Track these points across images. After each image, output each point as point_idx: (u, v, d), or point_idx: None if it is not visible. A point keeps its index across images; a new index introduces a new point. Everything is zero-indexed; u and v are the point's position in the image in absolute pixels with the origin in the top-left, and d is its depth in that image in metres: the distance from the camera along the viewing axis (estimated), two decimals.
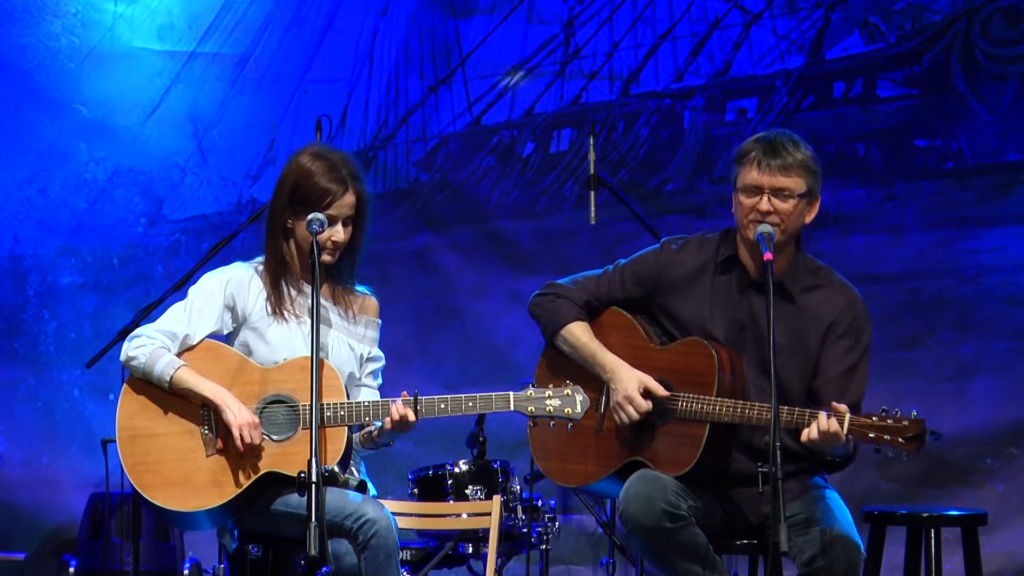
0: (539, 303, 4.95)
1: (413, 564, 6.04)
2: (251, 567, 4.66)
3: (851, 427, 4.48)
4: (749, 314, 4.76)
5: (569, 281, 4.95)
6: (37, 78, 8.46)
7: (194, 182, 8.49)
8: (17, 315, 8.48)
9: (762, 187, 4.64)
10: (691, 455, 4.66)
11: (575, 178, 8.12)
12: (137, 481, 4.60)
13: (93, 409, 8.25)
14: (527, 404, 4.56)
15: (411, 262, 8.27)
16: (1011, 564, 7.23)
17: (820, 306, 4.75)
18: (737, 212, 4.72)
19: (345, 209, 4.65)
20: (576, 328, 4.87)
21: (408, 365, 7.81)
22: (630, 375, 4.74)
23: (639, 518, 4.57)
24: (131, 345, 4.63)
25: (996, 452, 7.35)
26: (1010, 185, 7.43)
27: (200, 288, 4.73)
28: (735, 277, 4.79)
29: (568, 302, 4.89)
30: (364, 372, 4.82)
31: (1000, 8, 7.49)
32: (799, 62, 7.80)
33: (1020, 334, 7.35)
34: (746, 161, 4.68)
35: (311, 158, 4.68)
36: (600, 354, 4.82)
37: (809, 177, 4.67)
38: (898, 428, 4.45)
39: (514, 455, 6.41)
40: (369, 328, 4.84)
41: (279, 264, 4.71)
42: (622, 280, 4.89)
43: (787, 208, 4.65)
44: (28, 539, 8.17)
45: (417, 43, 8.42)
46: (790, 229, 4.69)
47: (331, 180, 4.64)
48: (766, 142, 4.68)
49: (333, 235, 4.64)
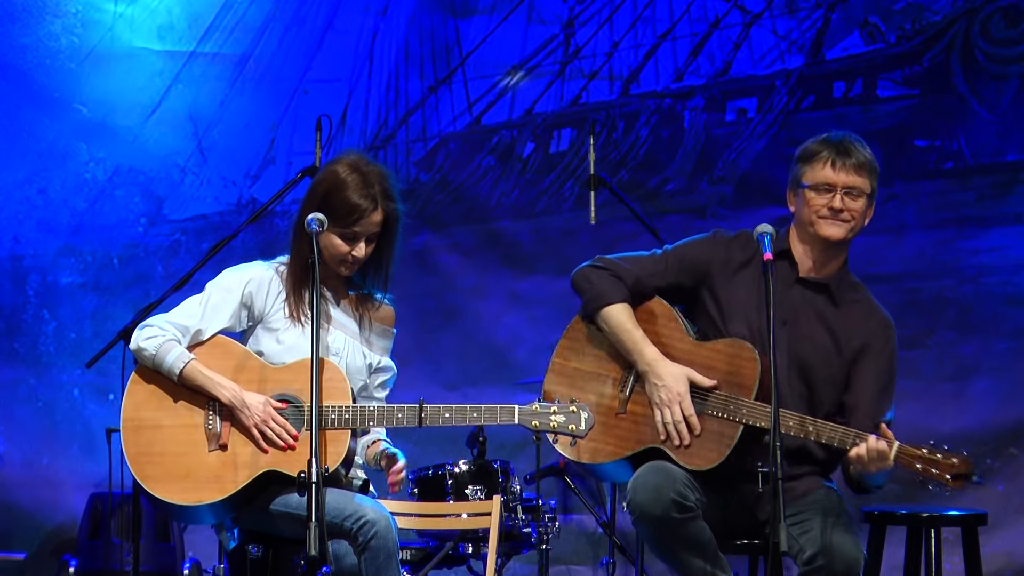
0: (588, 275, 4.88)
1: (413, 564, 6.04)
2: (251, 567, 4.66)
3: (899, 455, 4.50)
4: (791, 310, 4.78)
5: (622, 258, 4.89)
6: (37, 78, 8.46)
7: (194, 182, 8.49)
8: (17, 315, 8.48)
9: (836, 185, 4.71)
10: (720, 453, 4.65)
11: (575, 178, 8.12)
12: (139, 472, 4.59)
13: (93, 409, 8.25)
14: (532, 418, 4.54)
15: (411, 262, 8.26)
16: (1011, 564, 7.23)
17: (857, 322, 4.81)
18: (803, 210, 4.76)
19: (371, 227, 4.65)
20: (621, 311, 4.81)
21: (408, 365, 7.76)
22: (677, 372, 4.72)
23: (647, 507, 4.57)
24: (141, 335, 4.61)
25: (996, 452, 7.35)
26: (1010, 185, 7.43)
27: (219, 284, 4.72)
28: (783, 272, 4.80)
29: (618, 281, 4.83)
30: (375, 383, 4.82)
31: (1000, 8, 7.49)
32: (799, 62, 7.80)
33: (1020, 334, 7.35)
34: (817, 160, 4.75)
35: (348, 169, 4.66)
36: (642, 344, 4.76)
37: (875, 178, 4.78)
38: (947, 465, 4.50)
39: (514, 455, 6.41)
40: (383, 337, 4.84)
41: (304, 271, 4.66)
42: (675, 264, 4.86)
43: (857, 207, 4.73)
44: (28, 539, 8.17)
45: (417, 43, 8.42)
46: (857, 228, 4.76)
47: (362, 196, 4.62)
48: (836, 142, 4.77)
49: (355, 250, 4.64)
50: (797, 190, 4.80)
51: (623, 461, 4.79)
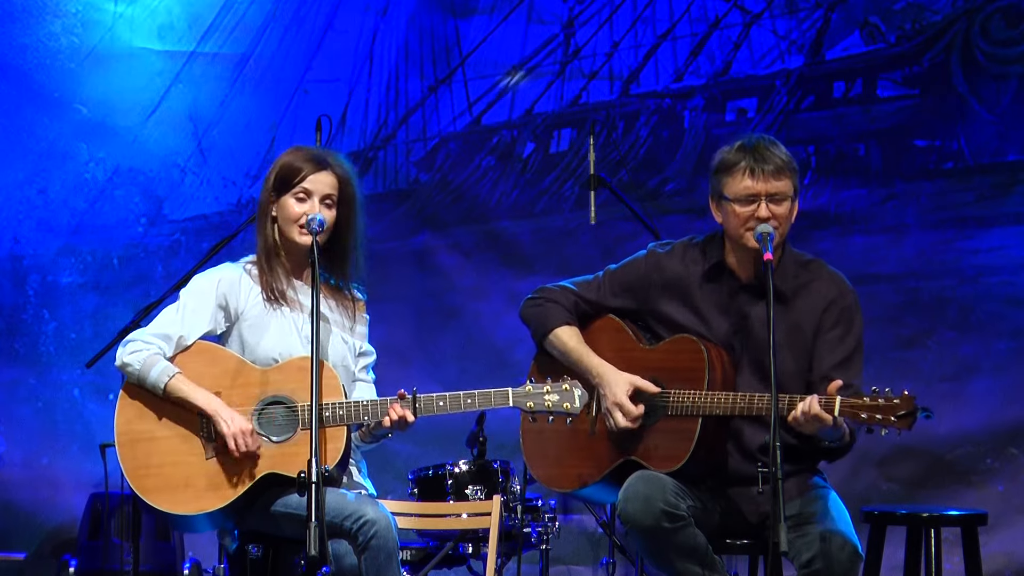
0: (529, 307, 4.97)
1: (413, 564, 6.04)
2: (251, 567, 4.66)
3: (842, 408, 4.48)
4: (742, 319, 4.76)
5: (560, 285, 4.97)
6: (37, 78, 8.46)
7: (194, 182, 8.49)
8: (17, 315, 8.48)
9: (758, 194, 4.66)
10: (684, 449, 4.66)
11: (575, 178, 8.11)
12: (137, 485, 4.60)
13: (93, 409, 8.25)
14: (526, 400, 4.57)
15: (411, 262, 8.26)
16: (1011, 564, 7.23)
17: (812, 299, 4.77)
18: (730, 222, 4.72)
19: (322, 187, 4.69)
20: (563, 332, 4.89)
21: (408, 365, 7.82)
22: (618, 378, 4.76)
23: (637, 517, 4.58)
24: (125, 351, 4.64)
25: (996, 452, 7.35)
26: (1010, 185, 7.43)
27: (191, 289, 4.76)
28: (724, 284, 4.80)
29: (557, 306, 4.91)
30: (358, 367, 4.84)
31: (1000, 8, 7.49)
32: (799, 62, 7.80)
33: (1020, 334, 7.35)
34: (736, 170, 4.69)
35: (292, 150, 4.79)
36: (587, 358, 4.83)
37: (795, 177, 4.72)
38: (889, 407, 4.45)
39: (514, 455, 6.39)
40: (359, 323, 4.87)
41: (269, 251, 4.75)
42: (611, 287, 4.91)
43: (783, 211, 4.68)
44: (28, 539, 8.17)
45: (417, 43, 8.42)
46: (786, 229, 4.72)
47: (306, 160, 4.71)
48: (751, 149, 4.70)
49: (309, 209, 4.66)
50: (720, 202, 4.75)
51: (606, 481, 4.82)
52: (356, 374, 4.84)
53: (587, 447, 4.85)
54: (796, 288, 4.77)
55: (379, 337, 4.96)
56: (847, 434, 4.64)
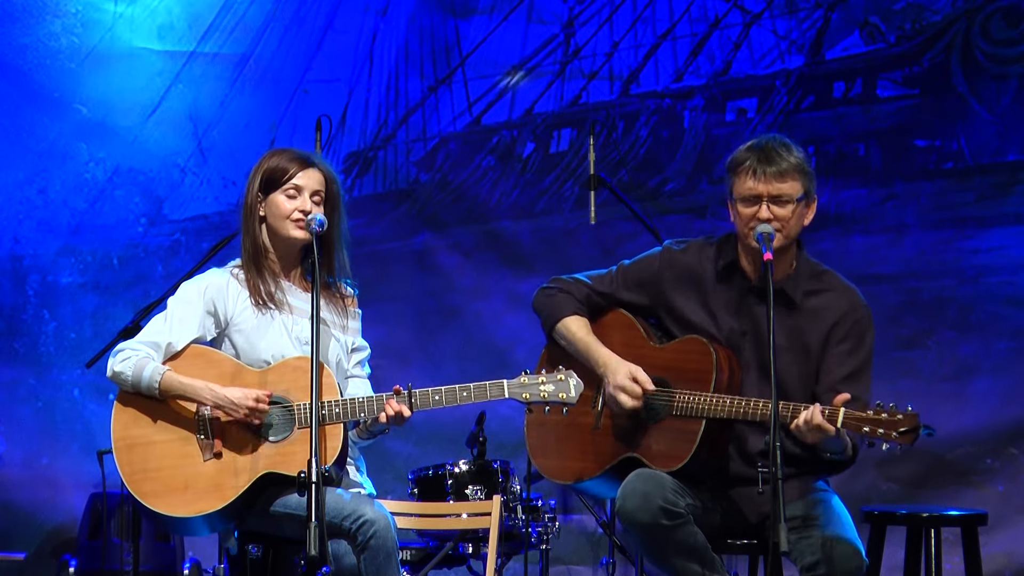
0: (541, 297, 4.99)
1: (413, 564, 6.05)
2: (251, 567, 4.66)
3: (846, 420, 4.48)
4: (751, 321, 4.77)
5: (573, 277, 4.98)
6: (37, 78, 8.45)
7: (194, 182, 8.48)
8: (17, 315, 8.47)
9: (760, 195, 4.66)
10: (686, 450, 4.67)
11: (575, 178, 8.12)
12: (137, 490, 4.60)
13: (93, 409, 8.25)
14: (522, 391, 4.58)
15: (411, 262, 8.26)
16: (1011, 564, 7.24)
17: (822, 310, 4.76)
18: (736, 221, 4.74)
19: (312, 182, 4.72)
20: (573, 322, 4.90)
21: (408, 365, 7.82)
22: (619, 366, 4.76)
23: (635, 514, 4.58)
24: (116, 360, 4.65)
25: (996, 452, 7.35)
26: (1010, 185, 7.43)
27: (179, 297, 4.76)
28: (736, 284, 4.80)
29: (568, 296, 4.93)
30: (352, 362, 4.84)
31: (1000, 8, 7.50)
32: (799, 62, 7.80)
33: (1020, 334, 7.36)
34: (741, 171, 4.69)
35: (274, 152, 4.83)
36: (594, 348, 4.84)
37: (804, 180, 4.69)
38: (892, 422, 4.45)
39: (514, 455, 6.40)
40: (352, 319, 4.87)
41: (257, 252, 4.76)
42: (624, 281, 4.91)
43: (786, 214, 4.66)
44: (28, 539, 8.17)
45: (417, 43, 8.42)
46: (791, 234, 4.70)
47: (292, 159, 4.75)
48: (759, 150, 4.69)
49: (301, 205, 4.67)
50: (730, 202, 4.77)
51: (607, 477, 4.82)
52: (350, 370, 4.84)
53: (590, 441, 4.86)
54: (807, 296, 4.78)
55: (379, 337, 4.97)
56: (849, 447, 4.64)
